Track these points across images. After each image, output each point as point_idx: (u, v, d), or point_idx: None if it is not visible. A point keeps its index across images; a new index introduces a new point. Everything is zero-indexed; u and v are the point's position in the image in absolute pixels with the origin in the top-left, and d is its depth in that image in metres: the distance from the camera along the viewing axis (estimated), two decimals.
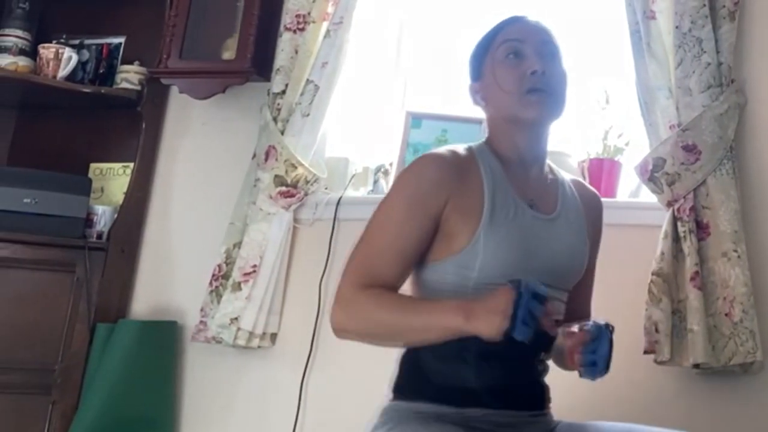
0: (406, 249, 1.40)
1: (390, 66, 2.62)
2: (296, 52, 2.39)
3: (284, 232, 2.35)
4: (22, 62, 2.60)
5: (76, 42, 2.72)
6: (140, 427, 2.35)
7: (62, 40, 2.68)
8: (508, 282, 1.25)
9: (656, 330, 1.87)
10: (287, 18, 2.42)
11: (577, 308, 1.59)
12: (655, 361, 1.88)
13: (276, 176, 2.34)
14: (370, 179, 2.47)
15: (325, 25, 2.36)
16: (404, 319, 1.35)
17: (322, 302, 2.32)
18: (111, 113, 2.71)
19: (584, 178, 2.18)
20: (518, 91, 1.45)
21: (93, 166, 2.73)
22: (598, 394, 1.91)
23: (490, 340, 1.24)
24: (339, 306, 1.39)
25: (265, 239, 2.34)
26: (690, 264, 1.87)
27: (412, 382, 1.45)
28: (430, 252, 1.43)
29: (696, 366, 1.85)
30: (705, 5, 1.94)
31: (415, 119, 2.39)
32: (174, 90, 2.65)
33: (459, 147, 1.49)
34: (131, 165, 2.63)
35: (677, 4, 1.97)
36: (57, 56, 2.59)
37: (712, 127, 1.91)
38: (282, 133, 2.35)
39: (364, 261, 1.40)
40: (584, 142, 2.25)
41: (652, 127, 2.00)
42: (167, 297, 2.58)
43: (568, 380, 1.57)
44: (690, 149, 1.92)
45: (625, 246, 1.96)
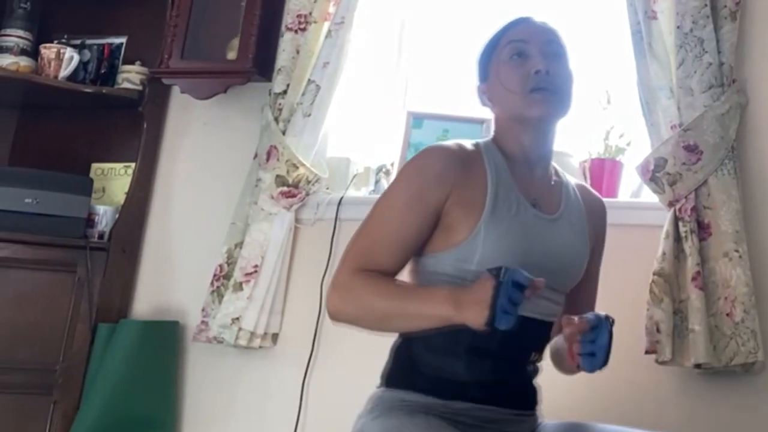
0: (406, 239, 1.41)
1: (391, 66, 2.62)
2: (298, 52, 2.39)
3: (286, 232, 2.35)
4: (24, 62, 2.60)
5: (78, 42, 2.72)
6: (141, 427, 2.35)
7: (63, 40, 2.68)
8: (487, 270, 1.25)
9: (657, 330, 1.86)
10: (289, 18, 2.42)
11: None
12: (657, 361, 1.88)
13: (277, 176, 2.34)
14: (372, 179, 2.47)
15: (327, 25, 2.36)
16: (396, 306, 1.36)
17: (324, 302, 2.32)
18: (112, 113, 2.71)
19: (585, 178, 2.18)
20: (522, 91, 1.45)
21: (94, 166, 2.74)
22: (599, 394, 1.91)
23: (478, 330, 1.23)
24: (335, 290, 1.41)
25: (267, 239, 2.33)
26: (691, 264, 1.87)
27: (402, 372, 1.46)
28: (430, 243, 1.43)
29: (697, 366, 1.85)
30: (706, 5, 1.94)
31: (417, 119, 2.39)
32: (175, 90, 2.65)
33: (466, 141, 1.50)
34: (132, 165, 2.63)
35: (678, 4, 1.96)
36: (58, 56, 2.58)
37: (714, 127, 1.91)
38: (283, 133, 2.35)
39: (363, 248, 1.42)
40: (586, 142, 2.25)
41: (654, 127, 2.00)
42: (168, 297, 2.58)
43: (569, 380, 1.57)
44: (691, 149, 1.92)
45: (627, 246, 1.95)
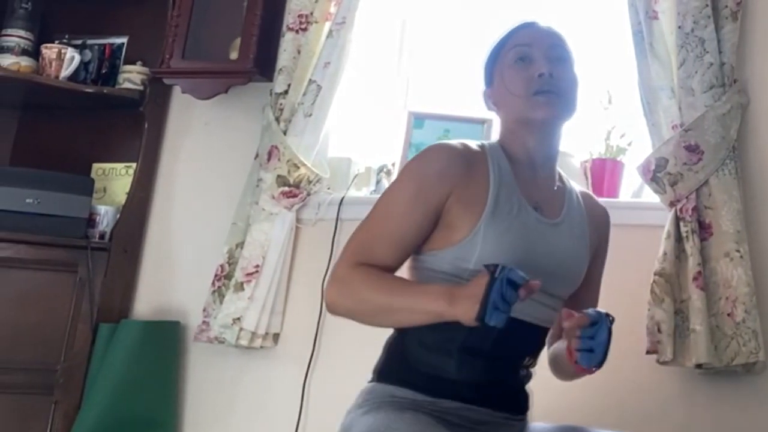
0: (406, 236, 1.42)
1: (392, 66, 2.62)
2: (299, 52, 2.39)
3: (287, 232, 2.35)
4: (25, 62, 2.60)
5: (79, 42, 2.72)
6: (143, 427, 2.35)
7: (65, 40, 2.67)
8: (484, 266, 1.25)
9: (659, 330, 1.86)
10: (290, 18, 2.42)
11: None
12: (658, 361, 1.87)
13: (278, 176, 2.34)
14: (373, 179, 2.47)
15: (328, 25, 2.36)
16: (391, 299, 1.37)
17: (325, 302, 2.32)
18: (113, 113, 2.71)
19: (586, 179, 2.18)
20: (526, 94, 1.46)
21: (95, 166, 2.74)
22: (600, 394, 1.91)
23: (468, 325, 1.24)
24: (333, 283, 1.42)
25: (268, 239, 2.34)
26: (692, 264, 1.87)
27: (394, 367, 1.46)
28: (430, 241, 1.44)
29: (698, 366, 1.85)
30: (707, 5, 1.94)
31: (418, 119, 2.38)
32: (176, 90, 2.65)
33: (472, 142, 1.50)
34: (134, 165, 2.63)
35: (680, 5, 1.96)
36: (59, 56, 2.58)
37: (715, 127, 1.91)
38: (284, 133, 2.35)
39: (363, 243, 1.42)
40: (587, 142, 2.25)
41: (655, 127, 2.00)
42: (170, 297, 2.58)
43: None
44: (692, 149, 1.92)
45: (628, 246, 1.95)
